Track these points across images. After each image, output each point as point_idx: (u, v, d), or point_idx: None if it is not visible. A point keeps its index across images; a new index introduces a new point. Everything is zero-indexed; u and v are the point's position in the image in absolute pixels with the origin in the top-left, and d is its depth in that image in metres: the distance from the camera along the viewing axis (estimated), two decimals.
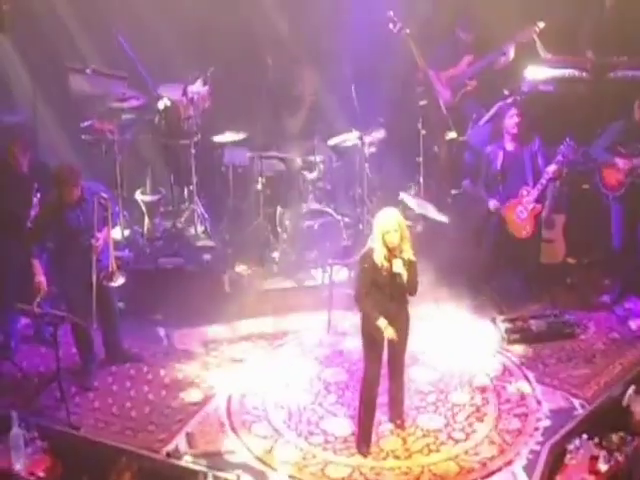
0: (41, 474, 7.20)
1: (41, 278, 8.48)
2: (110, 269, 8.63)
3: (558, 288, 10.15)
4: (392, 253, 7.42)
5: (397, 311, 7.62)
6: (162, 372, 8.97)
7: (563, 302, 9.91)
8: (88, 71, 10.78)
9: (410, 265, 7.46)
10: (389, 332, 7.49)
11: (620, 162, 9.54)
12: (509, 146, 9.72)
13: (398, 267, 7.41)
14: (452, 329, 9.54)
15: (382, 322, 7.46)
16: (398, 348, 7.75)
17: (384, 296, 7.52)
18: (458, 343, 9.32)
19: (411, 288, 7.57)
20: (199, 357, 9.21)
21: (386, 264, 7.42)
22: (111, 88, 10.87)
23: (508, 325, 9.37)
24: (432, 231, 10.27)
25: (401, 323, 7.67)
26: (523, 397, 8.46)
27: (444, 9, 11.70)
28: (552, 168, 9.52)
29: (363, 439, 7.81)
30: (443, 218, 10.23)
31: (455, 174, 11.15)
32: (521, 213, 9.61)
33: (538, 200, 9.64)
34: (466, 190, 10.81)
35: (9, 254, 8.95)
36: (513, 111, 9.72)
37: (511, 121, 9.68)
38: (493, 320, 9.57)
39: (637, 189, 9.53)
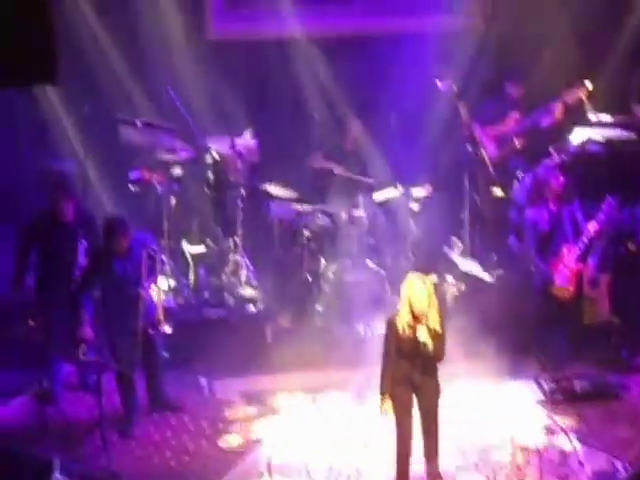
0: None
1: (87, 326, 8.59)
2: (157, 319, 8.71)
3: (602, 348, 10.07)
4: (417, 320, 7.25)
5: (423, 379, 7.41)
6: (203, 422, 8.99)
7: (607, 362, 9.83)
8: (138, 123, 10.92)
9: (436, 335, 7.27)
10: (382, 408, 7.40)
11: None
12: (552, 206, 9.72)
13: (423, 336, 7.23)
14: (494, 387, 9.48)
15: (383, 399, 7.39)
16: (428, 416, 7.52)
17: (409, 363, 7.36)
18: (500, 401, 9.26)
19: (437, 357, 7.35)
20: (240, 408, 9.23)
21: (409, 331, 7.26)
22: (160, 140, 11.03)
23: (551, 385, 9.29)
24: (476, 288, 10.25)
25: (429, 392, 7.48)
26: (565, 458, 8.38)
27: (493, 64, 11.80)
28: (593, 226, 9.50)
29: None
30: (487, 276, 10.22)
31: (500, 231, 11.14)
32: (563, 273, 9.57)
33: (580, 259, 9.60)
34: (511, 248, 10.78)
35: (55, 302, 9.06)
36: (556, 172, 9.72)
37: (554, 182, 9.69)
38: (536, 379, 9.50)
39: None
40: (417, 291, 7.22)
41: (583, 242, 9.53)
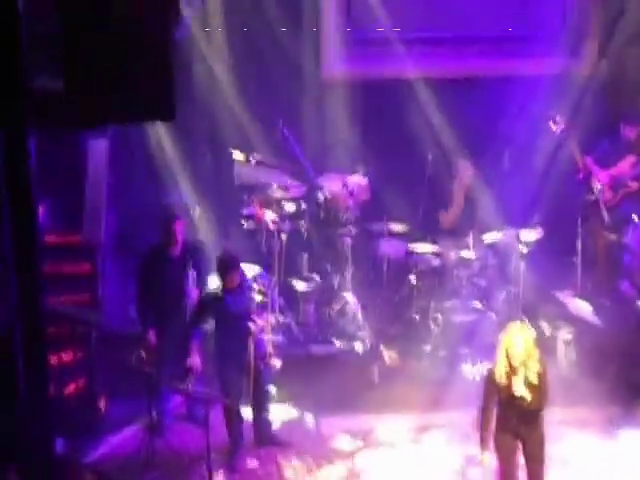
0: None
1: (196, 359, 8.72)
2: (267, 353, 8.80)
3: None
4: (514, 371, 7.14)
5: (526, 429, 7.31)
6: (308, 458, 9.02)
7: None
8: (252, 161, 11.09)
9: (533, 386, 7.15)
10: (483, 462, 7.33)
11: None
12: None
13: (518, 388, 7.13)
14: (602, 434, 9.29)
15: (485, 456, 7.32)
16: (534, 463, 7.41)
17: (511, 415, 7.27)
18: (614, 453, 9.03)
19: (535, 409, 7.23)
20: (344, 442, 9.24)
21: (505, 381, 7.16)
22: (273, 177, 11.18)
23: None
24: (587, 332, 10.09)
25: (533, 441, 7.37)
26: None
27: (607, 106, 11.68)
28: None
29: None
30: (597, 321, 10.07)
31: (614, 276, 10.96)
32: None
33: None
34: (624, 292, 10.60)
35: (167, 334, 9.24)
36: None
37: None
38: None
39: None
40: (515, 341, 7.12)
41: None
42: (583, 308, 10.19)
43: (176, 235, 9.31)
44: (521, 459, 7.48)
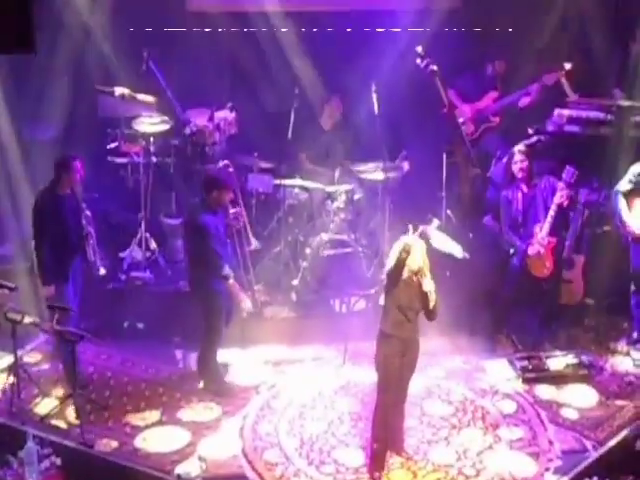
0: None
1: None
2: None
3: (576, 329, 10.16)
4: (416, 274, 7.57)
5: (413, 336, 7.74)
6: (177, 394, 9.03)
7: (580, 343, 9.92)
8: (117, 94, 10.88)
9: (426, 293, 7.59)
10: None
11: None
12: (524, 188, 9.76)
13: (428, 286, 7.54)
14: (467, 364, 9.57)
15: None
16: (406, 377, 7.83)
17: (404, 318, 7.61)
18: (472, 379, 9.34)
19: (435, 311, 7.65)
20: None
21: (408, 283, 7.53)
22: (139, 111, 11.00)
23: (524, 363, 9.38)
24: (451, 266, 10.27)
25: (414, 350, 7.79)
26: (535, 436, 8.46)
27: (472, 43, 11.83)
28: (557, 197, 9.53)
29: (376, 468, 7.84)
30: (462, 254, 10.25)
31: (477, 210, 11.17)
32: (538, 250, 9.62)
33: (552, 233, 9.65)
34: (487, 226, 10.83)
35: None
36: (518, 156, 9.74)
37: (516, 166, 9.73)
38: (509, 358, 9.58)
39: None
40: (414, 249, 7.54)
41: (551, 216, 9.54)
42: (447, 241, 10.35)
43: (76, 175, 9.03)
44: None
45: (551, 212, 9.56)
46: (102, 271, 9.43)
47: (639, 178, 9.55)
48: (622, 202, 9.57)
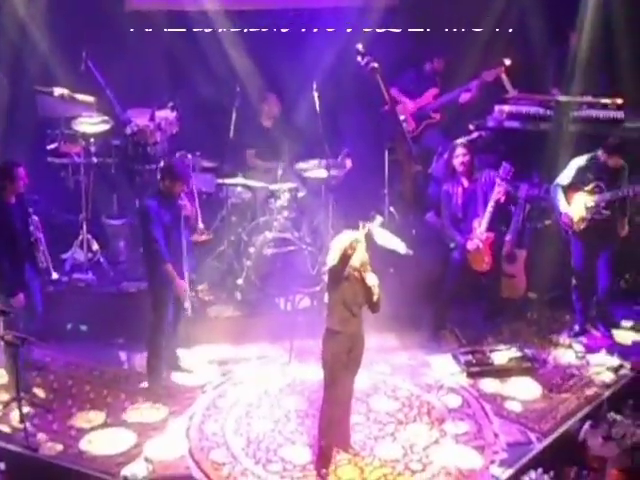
0: None
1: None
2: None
3: (519, 323, 10.26)
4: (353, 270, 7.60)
5: (358, 332, 7.76)
6: (122, 395, 8.96)
7: (523, 337, 10.02)
8: (56, 94, 10.77)
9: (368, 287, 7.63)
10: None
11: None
12: (465, 182, 9.85)
13: (372, 280, 7.57)
14: (412, 360, 9.61)
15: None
16: (351, 373, 7.85)
17: (349, 314, 7.62)
18: (418, 374, 9.38)
19: (377, 305, 7.66)
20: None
21: (358, 274, 7.57)
22: (79, 111, 10.90)
23: (468, 357, 9.45)
24: (394, 262, 10.32)
25: (360, 346, 7.81)
26: (481, 429, 8.53)
27: (412, 40, 11.90)
28: (494, 194, 9.64)
29: (323, 465, 7.83)
30: (406, 250, 10.29)
31: (420, 206, 11.23)
32: (477, 245, 9.70)
33: (490, 228, 9.74)
34: (430, 222, 10.89)
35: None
36: (460, 150, 9.84)
37: (457, 160, 9.82)
38: (453, 352, 9.64)
39: (596, 224, 9.66)
40: (354, 245, 7.60)
41: (489, 211, 9.65)
42: (390, 237, 10.39)
43: (20, 182, 8.86)
44: None
45: (489, 208, 9.67)
46: (54, 275, 9.43)
47: (578, 172, 9.66)
48: (560, 194, 9.69)
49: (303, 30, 12.05)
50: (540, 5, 11.78)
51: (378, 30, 11.60)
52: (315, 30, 11.99)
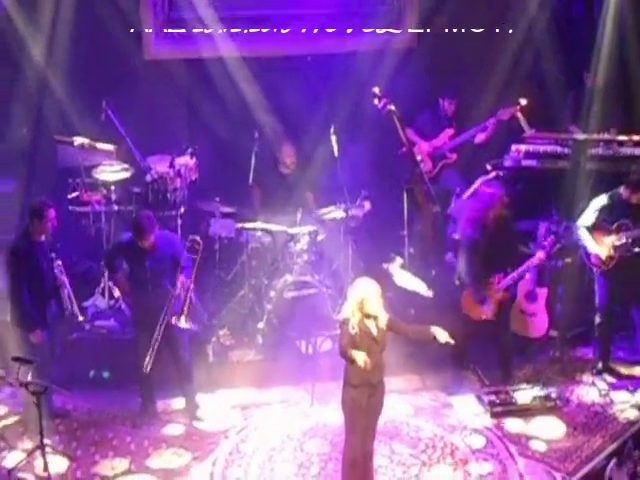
0: None
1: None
2: (182, 311, 9.00)
3: (542, 361, 10.21)
4: (368, 319, 7.57)
5: (377, 381, 7.70)
6: (146, 442, 8.97)
7: (546, 375, 9.96)
8: (76, 143, 10.90)
9: (383, 332, 7.61)
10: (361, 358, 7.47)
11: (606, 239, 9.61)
12: (489, 224, 9.71)
13: (374, 329, 7.55)
14: (435, 401, 9.57)
15: (358, 355, 7.47)
16: (373, 417, 7.81)
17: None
18: (440, 415, 9.34)
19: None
20: (182, 427, 9.22)
21: (358, 331, 7.53)
22: (99, 160, 11.02)
23: (491, 397, 9.39)
24: (415, 303, 10.32)
25: (381, 391, 7.78)
26: (505, 469, 8.48)
27: (427, 81, 11.97)
28: (534, 259, 9.56)
29: None
30: (427, 292, 10.31)
31: (439, 247, 11.24)
32: (487, 300, 9.56)
33: (508, 289, 9.64)
34: (449, 263, 10.87)
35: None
36: (501, 202, 9.63)
37: (494, 213, 9.64)
38: (476, 393, 9.60)
39: (624, 262, 9.58)
40: (369, 293, 7.56)
41: (514, 277, 9.55)
42: (410, 279, 10.41)
43: (49, 223, 8.98)
44: None
45: (522, 270, 9.56)
46: (80, 317, 9.60)
47: (601, 211, 9.63)
48: (587, 235, 9.62)
49: (321, 73, 12.13)
50: (556, 44, 11.83)
51: (396, 71, 11.69)
52: (333, 73, 12.07)
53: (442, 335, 7.74)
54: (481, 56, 11.90)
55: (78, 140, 10.93)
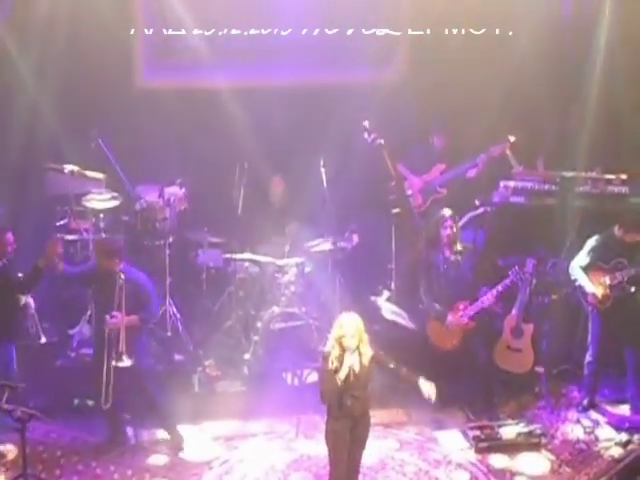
0: None
1: None
2: (120, 349, 8.82)
3: (527, 397, 10.21)
4: (352, 354, 7.52)
5: (359, 414, 7.66)
6: (129, 472, 8.92)
7: (531, 411, 9.97)
8: (66, 171, 10.92)
9: (365, 368, 7.56)
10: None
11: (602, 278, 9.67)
12: (447, 253, 9.84)
13: (350, 364, 7.47)
14: (419, 435, 9.56)
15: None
16: (357, 450, 7.77)
17: (345, 399, 7.54)
18: (425, 449, 9.33)
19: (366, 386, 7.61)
20: (166, 457, 9.17)
21: (338, 365, 7.48)
22: (88, 188, 11.03)
23: (476, 432, 9.38)
24: (400, 337, 10.31)
25: (365, 424, 7.75)
26: None
27: (418, 116, 12.02)
28: (507, 280, 9.68)
29: None
30: (412, 325, 10.32)
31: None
32: (451, 326, 9.68)
33: (473, 318, 9.73)
34: None
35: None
36: (449, 222, 9.83)
37: (445, 232, 9.80)
38: (461, 428, 9.59)
39: (619, 301, 9.64)
40: (348, 329, 7.48)
41: (478, 306, 9.68)
42: (397, 312, 10.43)
43: (7, 247, 9.06)
44: None
45: (479, 303, 9.67)
46: (43, 339, 9.64)
47: (596, 251, 9.68)
48: (582, 275, 9.68)
49: (311, 106, 12.17)
50: (544, 82, 11.90)
51: (387, 105, 11.76)
52: (324, 105, 12.11)
53: (427, 389, 7.75)
54: (473, 94, 11.95)
55: (68, 168, 10.95)
